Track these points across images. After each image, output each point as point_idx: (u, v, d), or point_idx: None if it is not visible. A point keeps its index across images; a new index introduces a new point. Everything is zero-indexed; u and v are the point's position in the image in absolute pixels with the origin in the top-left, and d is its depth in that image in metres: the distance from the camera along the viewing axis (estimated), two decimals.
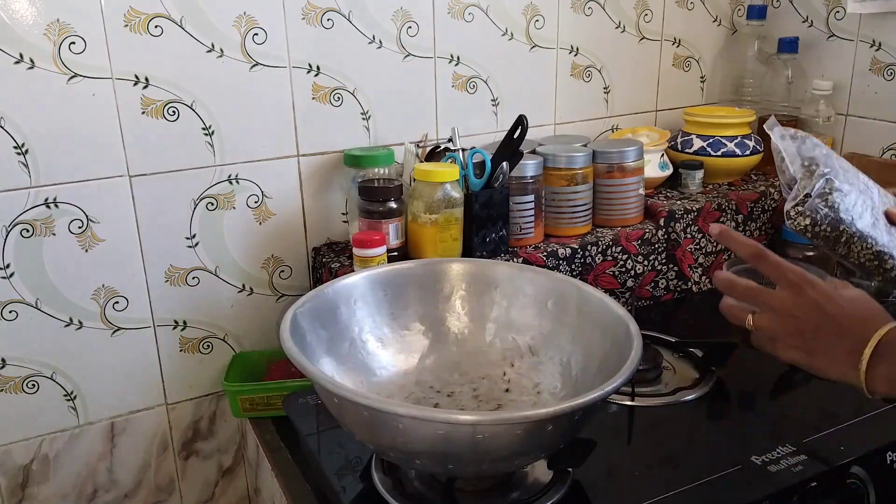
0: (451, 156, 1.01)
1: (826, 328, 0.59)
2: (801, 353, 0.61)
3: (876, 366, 0.57)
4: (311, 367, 0.63)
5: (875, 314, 0.59)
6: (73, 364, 0.96)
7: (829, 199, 0.73)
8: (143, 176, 0.94)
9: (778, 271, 0.62)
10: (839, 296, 0.60)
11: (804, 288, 0.60)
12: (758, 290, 0.63)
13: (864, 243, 0.74)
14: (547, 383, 0.79)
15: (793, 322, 0.60)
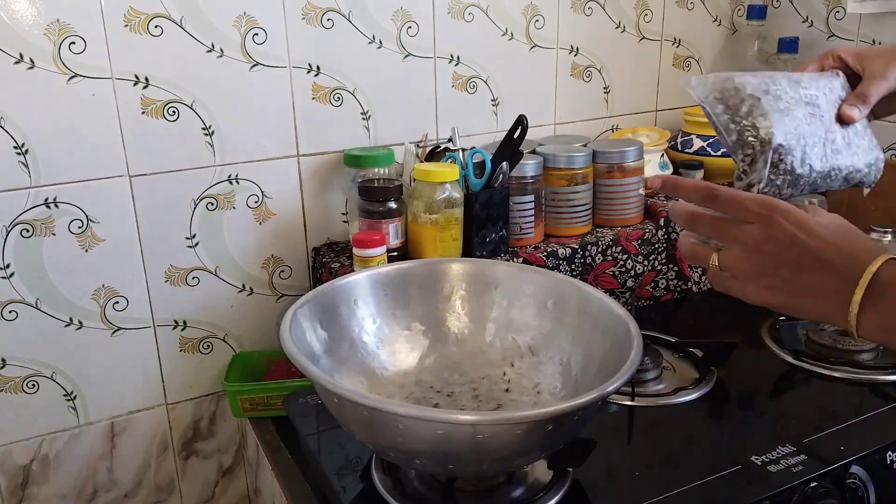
0: (451, 156, 1.01)
1: (807, 264, 0.51)
2: (778, 295, 0.53)
3: (867, 310, 0.50)
4: (311, 367, 0.63)
5: (863, 245, 0.52)
6: (73, 364, 0.96)
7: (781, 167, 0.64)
8: (143, 176, 0.94)
9: (739, 205, 0.53)
10: (818, 224, 0.52)
11: (774, 218, 0.52)
12: (723, 224, 0.54)
13: (828, 181, 0.67)
14: (547, 383, 0.79)
15: (766, 259, 0.52)
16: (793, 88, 0.65)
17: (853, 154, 0.67)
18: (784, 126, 0.62)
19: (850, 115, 0.65)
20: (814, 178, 0.65)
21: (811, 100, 0.66)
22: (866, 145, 0.68)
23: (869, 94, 0.66)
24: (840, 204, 1.24)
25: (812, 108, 0.65)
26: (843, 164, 0.66)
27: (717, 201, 0.54)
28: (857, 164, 0.67)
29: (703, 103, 0.64)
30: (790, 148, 0.62)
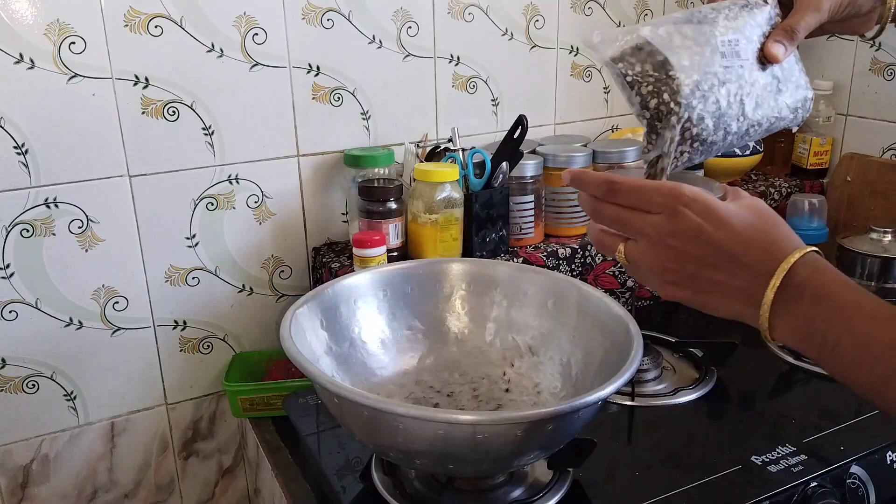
0: (451, 156, 1.01)
1: (712, 259, 0.47)
2: (684, 290, 0.49)
3: (780, 312, 0.45)
4: (311, 367, 0.63)
5: (777, 236, 0.47)
6: (73, 364, 0.96)
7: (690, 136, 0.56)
8: (143, 176, 0.94)
9: (643, 196, 0.49)
10: (728, 213, 0.47)
11: (679, 209, 0.47)
12: (628, 214, 0.50)
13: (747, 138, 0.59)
14: (547, 383, 0.79)
15: (671, 253, 0.48)
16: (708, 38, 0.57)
17: (777, 102, 0.59)
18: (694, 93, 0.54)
19: (773, 54, 0.57)
20: (730, 140, 0.59)
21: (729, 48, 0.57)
22: (793, 86, 0.60)
23: (797, 27, 0.58)
24: (840, 204, 1.24)
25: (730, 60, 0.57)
26: (764, 116, 0.59)
27: (620, 195, 0.50)
28: (781, 112, 0.60)
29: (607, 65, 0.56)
30: (702, 116, 0.55)
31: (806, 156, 1.28)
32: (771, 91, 0.58)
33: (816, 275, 0.45)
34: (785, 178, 1.29)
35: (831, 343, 0.44)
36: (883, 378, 0.42)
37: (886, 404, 0.42)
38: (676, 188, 0.48)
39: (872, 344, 0.43)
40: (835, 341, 0.44)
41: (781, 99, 0.59)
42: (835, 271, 0.46)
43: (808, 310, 0.45)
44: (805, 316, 0.45)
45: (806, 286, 0.45)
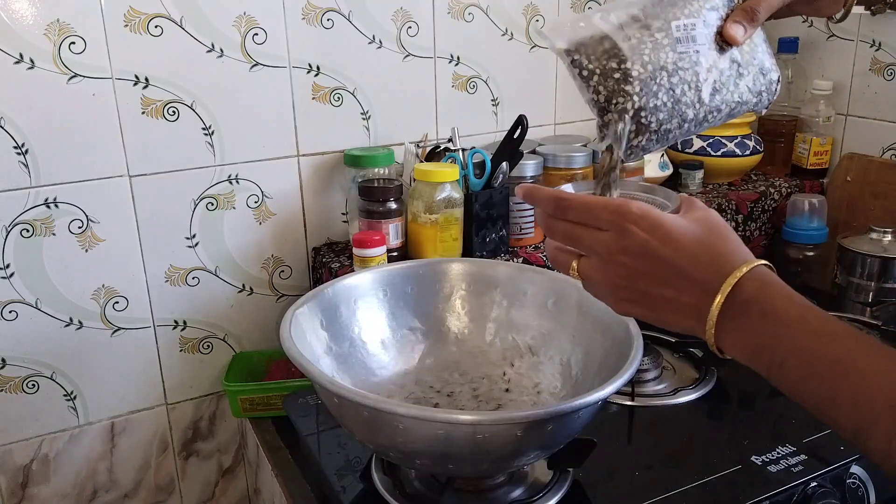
0: (451, 156, 1.01)
1: (661, 275, 0.46)
2: (638, 307, 0.49)
3: (727, 328, 0.45)
4: (311, 367, 0.63)
5: (725, 251, 0.46)
6: (73, 364, 0.96)
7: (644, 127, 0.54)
8: (143, 176, 0.94)
9: (591, 213, 0.48)
10: (675, 229, 0.46)
11: (627, 226, 0.47)
12: (579, 231, 0.49)
13: (705, 124, 0.57)
14: (547, 383, 0.79)
15: (621, 270, 0.48)
16: (662, 23, 0.55)
17: (738, 87, 0.57)
18: (647, 82, 0.53)
19: (732, 36, 0.55)
20: (687, 128, 0.56)
21: (684, 33, 0.55)
22: (755, 69, 0.58)
23: (758, 8, 0.56)
24: (840, 204, 1.24)
25: (685, 46, 0.54)
26: (723, 101, 0.56)
27: (569, 212, 0.50)
28: (742, 96, 0.57)
29: (559, 55, 0.54)
30: (655, 105, 0.53)
31: (806, 156, 1.27)
32: (731, 76, 0.56)
33: (763, 290, 0.45)
34: (785, 178, 1.29)
35: (778, 360, 0.44)
36: (829, 396, 0.42)
37: (835, 422, 0.42)
38: (623, 205, 0.47)
39: (816, 362, 0.42)
40: (781, 359, 0.44)
41: (742, 83, 0.57)
42: (782, 285, 0.45)
43: (754, 326, 0.44)
44: (752, 332, 0.45)
45: (752, 302, 0.45)
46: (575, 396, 0.60)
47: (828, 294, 1.19)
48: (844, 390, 0.41)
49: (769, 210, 1.24)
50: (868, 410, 0.39)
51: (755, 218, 1.23)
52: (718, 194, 1.21)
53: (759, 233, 1.24)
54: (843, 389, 0.41)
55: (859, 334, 0.43)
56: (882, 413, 0.39)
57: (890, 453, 0.39)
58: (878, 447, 0.39)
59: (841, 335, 0.42)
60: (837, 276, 1.17)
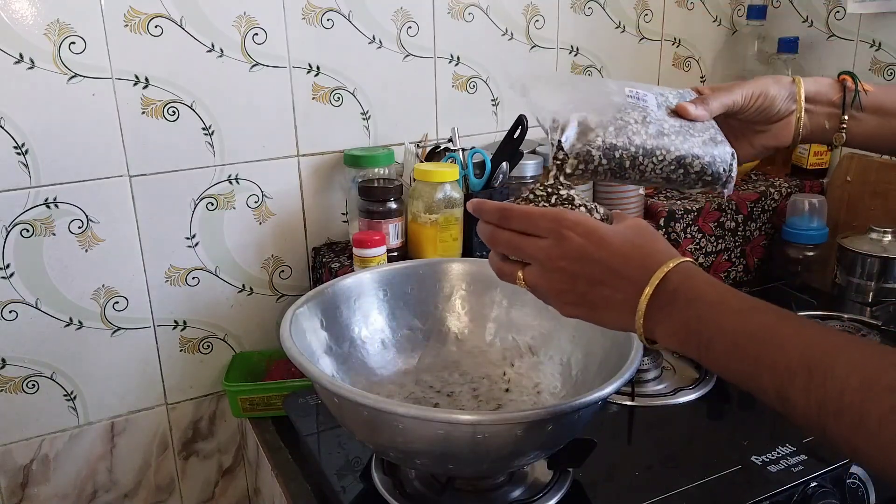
0: (451, 156, 1.01)
1: (598, 276, 0.50)
2: (580, 309, 0.52)
3: (657, 318, 0.48)
4: (311, 367, 0.63)
5: (654, 250, 0.50)
6: (73, 364, 0.96)
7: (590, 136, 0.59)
8: (143, 176, 0.94)
9: (530, 221, 0.52)
10: (608, 233, 0.51)
11: (563, 232, 0.51)
12: (520, 240, 0.53)
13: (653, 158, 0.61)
14: (547, 383, 0.79)
15: (561, 274, 0.51)
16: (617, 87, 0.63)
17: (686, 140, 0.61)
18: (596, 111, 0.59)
19: (684, 108, 0.62)
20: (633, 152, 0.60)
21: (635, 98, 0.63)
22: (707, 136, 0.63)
23: (709, 100, 0.64)
24: (840, 204, 1.24)
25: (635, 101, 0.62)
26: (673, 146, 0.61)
27: (511, 221, 0.54)
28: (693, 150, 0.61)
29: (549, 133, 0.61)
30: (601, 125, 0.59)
31: (806, 156, 1.27)
32: (679, 130, 0.61)
33: (688, 280, 0.48)
34: (785, 178, 1.29)
35: (705, 342, 0.47)
36: (752, 366, 0.44)
37: (761, 390, 0.44)
38: (560, 213, 0.52)
39: (738, 337, 0.45)
40: (708, 339, 0.46)
41: (692, 140, 0.61)
42: (705, 275, 0.49)
43: (682, 313, 0.48)
44: (681, 319, 0.48)
45: (679, 291, 0.48)
46: (575, 396, 0.60)
47: (828, 294, 1.19)
48: (764, 358, 0.43)
49: (769, 210, 1.24)
50: (786, 371, 0.42)
51: (755, 218, 1.23)
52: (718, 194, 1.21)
53: (759, 233, 1.24)
54: (763, 357, 0.43)
55: (778, 309, 0.46)
56: (798, 371, 0.41)
57: (808, 408, 0.40)
58: (799, 404, 0.41)
59: (760, 309, 0.46)
60: (837, 276, 1.17)
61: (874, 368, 0.38)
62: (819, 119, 0.69)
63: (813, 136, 0.70)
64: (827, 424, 0.39)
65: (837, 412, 0.39)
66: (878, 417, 0.37)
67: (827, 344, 0.41)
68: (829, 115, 0.68)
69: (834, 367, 0.40)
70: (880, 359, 0.39)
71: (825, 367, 0.40)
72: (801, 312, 1.08)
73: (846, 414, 0.38)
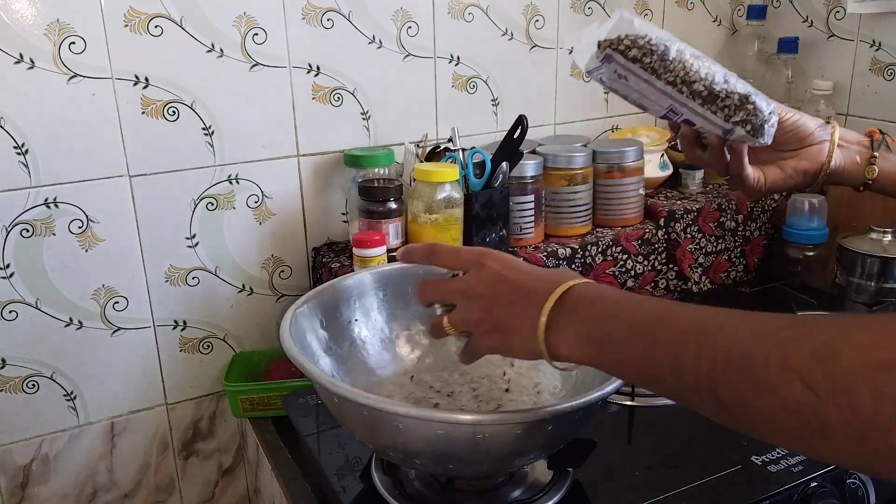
0: (451, 156, 1.01)
1: (512, 297, 0.52)
2: (495, 337, 0.54)
3: (559, 329, 0.50)
4: (311, 367, 0.63)
5: (563, 274, 0.53)
6: (73, 364, 0.96)
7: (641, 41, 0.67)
8: (143, 176, 0.94)
9: (454, 255, 0.57)
10: (526, 265, 0.55)
11: (483, 261, 0.55)
12: (443, 282, 0.58)
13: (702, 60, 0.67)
14: (547, 383, 0.79)
15: (480, 301, 0.54)
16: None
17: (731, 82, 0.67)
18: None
19: None
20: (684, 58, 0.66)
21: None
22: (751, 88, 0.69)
23: None
24: (840, 204, 1.24)
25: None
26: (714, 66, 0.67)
27: (437, 256, 0.58)
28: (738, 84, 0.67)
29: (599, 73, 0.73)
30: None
31: None
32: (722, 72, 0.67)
33: (590, 288, 0.51)
34: None
35: (605, 335, 0.48)
36: (649, 344, 0.45)
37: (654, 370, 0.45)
38: (482, 249, 0.57)
39: (636, 320, 0.47)
40: (608, 332, 0.48)
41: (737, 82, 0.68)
42: (608, 286, 0.52)
43: (584, 315, 0.50)
44: (582, 321, 0.49)
45: (581, 298, 0.50)
46: (575, 396, 0.60)
47: (828, 294, 1.19)
48: (659, 334, 0.45)
49: (769, 210, 1.24)
50: (680, 342, 0.43)
51: (755, 218, 1.23)
52: (718, 194, 1.21)
53: (759, 233, 1.24)
54: (658, 332, 0.45)
55: (675, 301, 0.48)
56: (689, 338, 0.42)
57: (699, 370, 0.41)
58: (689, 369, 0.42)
59: (656, 300, 0.49)
60: (837, 276, 1.17)
61: (761, 318, 0.40)
62: (850, 154, 0.75)
63: (844, 172, 0.75)
64: (716, 382, 0.40)
65: (725, 362, 0.39)
66: (763, 354, 0.37)
67: (718, 313, 0.43)
68: (861, 152, 0.75)
69: (725, 323, 0.41)
70: (771, 316, 0.40)
71: (716, 325, 0.42)
72: (800, 313, 1.08)
73: (734, 361, 0.39)
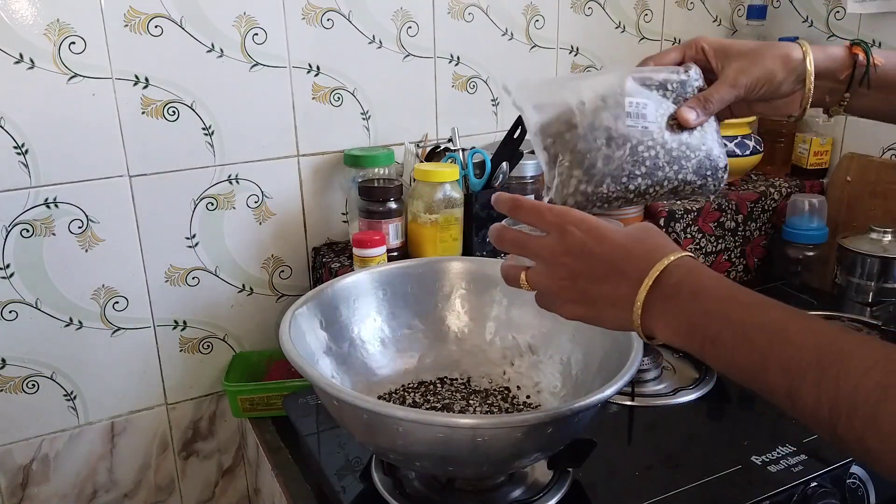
0: (451, 156, 1.01)
1: (599, 271, 0.50)
2: (581, 307, 0.52)
3: (657, 313, 0.48)
4: (310, 370, 0.62)
5: (656, 245, 0.50)
6: (73, 364, 0.96)
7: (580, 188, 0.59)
8: (143, 176, 0.94)
9: (537, 215, 0.53)
10: (610, 230, 0.50)
11: (566, 227, 0.51)
12: (524, 239, 0.53)
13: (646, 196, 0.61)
14: (547, 382, 0.79)
15: (564, 271, 0.51)
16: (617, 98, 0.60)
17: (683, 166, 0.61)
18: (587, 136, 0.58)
19: (685, 119, 0.61)
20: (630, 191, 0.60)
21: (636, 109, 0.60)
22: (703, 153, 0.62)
23: (712, 98, 0.62)
24: (840, 204, 1.24)
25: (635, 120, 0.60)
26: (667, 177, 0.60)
27: (521, 211, 0.54)
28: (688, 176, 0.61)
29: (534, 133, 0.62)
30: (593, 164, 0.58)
31: (806, 156, 1.27)
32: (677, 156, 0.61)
33: (691, 273, 0.48)
34: (785, 177, 1.29)
35: (712, 335, 0.45)
36: (761, 361, 0.43)
37: (769, 388, 0.43)
38: (565, 210, 0.52)
39: (749, 329, 0.44)
40: (715, 333, 0.45)
41: (689, 164, 0.61)
42: (708, 270, 0.48)
43: (686, 306, 0.47)
44: (685, 313, 0.47)
45: (682, 285, 0.47)
46: (575, 396, 0.60)
47: (828, 294, 1.19)
48: (774, 353, 0.42)
49: (769, 210, 1.24)
50: (797, 368, 0.41)
51: (755, 218, 1.22)
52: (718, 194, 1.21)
53: (759, 233, 1.24)
54: (773, 352, 0.42)
55: (785, 305, 0.45)
56: (809, 367, 0.40)
57: (819, 407, 0.40)
58: (809, 403, 0.40)
59: (769, 305, 0.45)
60: (837, 276, 1.17)
61: (890, 369, 0.37)
62: (820, 94, 0.66)
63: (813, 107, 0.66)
64: (838, 424, 0.39)
65: (850, 412, 0.38)
66: (892, 420, 0.36)
67: (840, 342, 0.40)
68: (832, 90, 0.66)
69: (848, 365, 0.39)
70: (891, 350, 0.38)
71: (839, 366, 0.39)
72: None
73: (859, 413, 0.37)
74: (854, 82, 0.64)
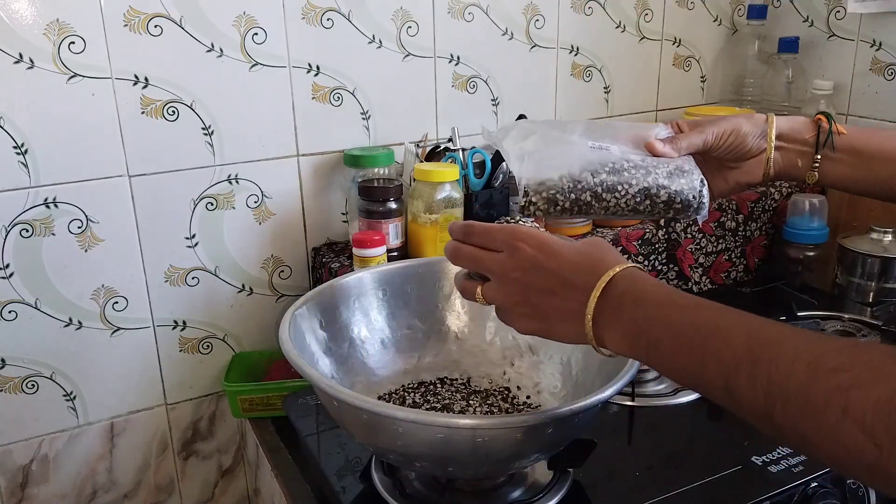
0: (451, 156, 1.01)
1: (549, 286, 0.51)
2: (533, 322, 0.53)
3: (606, 325, 0.49)
4: (309, 371, 0.62)
5: (601, 258, 0.51)
6: (72, 364, 0.96)
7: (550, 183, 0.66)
8: (143, 176, 0.94)
9: (489, 236, 0.55)
10: (559, 244, 0.52)
11: (517, 244, 0.53)
12: (478, 255, 0.55)
13: (616, 192, 0.66)
14: (547, 383, 0.79)
15: (516, 287, 0.53)
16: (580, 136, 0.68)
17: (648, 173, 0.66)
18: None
19: (650, 145, 0.68)
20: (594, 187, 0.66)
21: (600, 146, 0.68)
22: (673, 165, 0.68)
23: (681, 140, 0.68)
24: (840, 204, 1.24)
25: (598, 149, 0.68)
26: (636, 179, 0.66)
27: (473, 236, 0.56)
28: (658, 180, 0.66)
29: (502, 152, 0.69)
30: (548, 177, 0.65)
31: None
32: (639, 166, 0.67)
33: (634, 283, 0.49)
34: None
35: (654, 340, 0.47)
36: (699, 360, 0.44)
37: (707, 385, 0.44)
38: (515, 228, 0.54)
39: (686, 330, 0.45)
40: (656, 338, 0.47)
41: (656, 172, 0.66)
42: (650, 278, 0.50)
43: (630, 314, 0.48)
44: (629, 321, 0.48)
45: (626, 294, 0.49)
46: (575, 396, 0.60)
47: (828, 294, 1.19)
48: (710, 350, 0.43)
49: (770, 210, 1.24)
50: (731, 362, 0.42)
51: (755, 218, 1.22)
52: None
53: (760, 233, 1.24)
54: (708, 350, 0.44)
55: (721, 305, 0.46)
56: (742, 360, 0.41)
57: (755, 397, 0.40)
58: (745, 394, 0.41)
59: (704, 306, 0.47)
60: (838, 276, 1.17)
61: (818, 353, 0.39)
62: (791, 157, 0.70)
63: (785, 174, 0.71)
64: (774, 411, 0.39)
65: (784, 397, 0.39)
66: (823, 397, 0.37)
67: (771, 332, 0.42)
68: (802, 153, 0.70)
69: (779, 354, 0.40)
70: (824, 344, 0.39)
71: (769, 354, 0.40)
72: (801, 313, 1.08)
73: (792, 398, 0.38)
74: (820, 145, 0.69)
